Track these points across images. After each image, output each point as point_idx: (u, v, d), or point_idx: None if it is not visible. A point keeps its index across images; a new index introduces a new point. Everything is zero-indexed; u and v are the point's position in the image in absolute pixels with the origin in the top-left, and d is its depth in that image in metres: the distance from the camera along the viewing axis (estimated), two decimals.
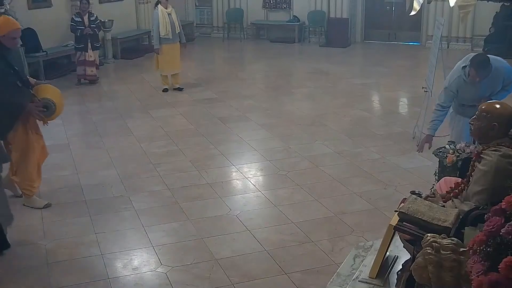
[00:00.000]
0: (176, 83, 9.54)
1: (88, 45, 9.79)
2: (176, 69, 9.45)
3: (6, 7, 8.93)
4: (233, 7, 14.81)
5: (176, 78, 9.55)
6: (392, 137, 7.02)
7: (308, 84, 10.02)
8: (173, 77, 9.52)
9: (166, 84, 9.48)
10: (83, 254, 4.39)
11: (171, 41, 9.13)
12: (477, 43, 12.41)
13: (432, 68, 6.68)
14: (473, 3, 4.49)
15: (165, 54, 9.16)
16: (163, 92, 9.36)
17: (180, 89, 9.46)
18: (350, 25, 13.80)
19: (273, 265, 4.18)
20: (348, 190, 5.45)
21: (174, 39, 9.19)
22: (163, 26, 8.95)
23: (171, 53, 9.21)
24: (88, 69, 9.87)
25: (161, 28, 8.96)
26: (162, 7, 9.00)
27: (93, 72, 9.94)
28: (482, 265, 2.21)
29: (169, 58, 9.22)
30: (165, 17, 8.98)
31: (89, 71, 9.88)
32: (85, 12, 9.76)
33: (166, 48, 9.14)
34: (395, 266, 3.43)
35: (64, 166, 6.20)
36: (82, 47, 9.80)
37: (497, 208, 2.38)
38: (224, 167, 6.15)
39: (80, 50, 9.84)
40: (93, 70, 9.92)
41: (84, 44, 9.78)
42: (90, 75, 9.93)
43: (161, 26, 8.95)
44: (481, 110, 3.18)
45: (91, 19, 9.83)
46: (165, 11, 9.00)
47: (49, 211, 5.12)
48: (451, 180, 3.69)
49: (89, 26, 9.76)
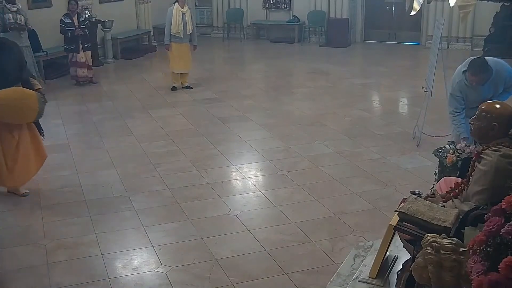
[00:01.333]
0: (185, 82, 9.61)
1: (79, 46, 9.72)
2: (187, 69, 9.52)
3: (18, 6, 8.99)
4: (233, 7, 14.82)
5: (185, 77, 9.62)
6: (392, 137, 7.02)
7: (308, 84, 10.02)
8: (182, 76, 9.58)
9: (175, 82, 9.52)
10: (83, 254, 4.39)
11: (180, 40, 9.19)
12: (477, 43, 12.41)
13: (432, 68, 6.68)
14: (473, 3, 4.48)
15: (175, 53, 9.24)
16: (171, 90, 9.39)
17: (189, 88, 9.52)
18: (350, 25, 13.80)
19: (273, 265, 4.18)
20: (348, 190, 5.45)
21: (184, 39, 9.25)
22: (175, 23, 9.03)
23: (180, 52, 9.27)
24: (80, 70, 9.80)
25: (173, 26, 9.05)
26: (179, 6, 9.07)
27: (85, 73, 9.84)
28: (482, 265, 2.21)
29: (179, 57, 9.30)
30: (179, 15, 9.04)
31: (80, 72, 9.81)
32: (74, 12, 9.67)
33: (175, 46, 9.21)
34: (395, 266, 3.43)
35: (64, 166, 6.20)
36: (73, 48, 9.72)
37: (497, 208, 2.38)
38: (224, 167, 6.15)
39: (71, 51, 9.75)
40: (84, 71, 9.83)
41: (75, 45, 9.69)
42: (82, 76, 9.85)
43: (173, 23, 9.03)
44: (481, 110, 3.18)
45: (80, 20, 9.75)
46: (179, 10, 9.07)
47: (49, 211, 5.12)
48: (451, 180, 3.69)
49: (79, 27, 9.68)
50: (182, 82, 9.60)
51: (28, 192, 5.44)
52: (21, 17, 8.98)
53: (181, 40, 9.21)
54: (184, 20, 9.11)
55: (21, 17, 8.98)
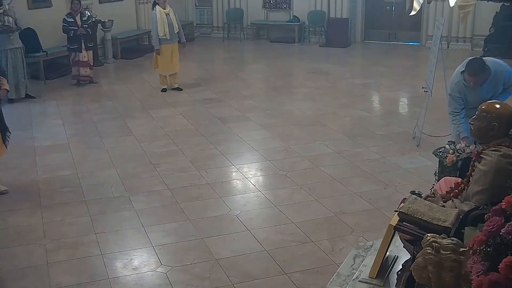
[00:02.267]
0: (175, 83, 9.52)
1: (82, 46, 9.71)
2: (175, 69, 9.44)
3: (5, 7, 8.88)
4: (233, 7, 14.81)
5: (175, 78, 9.53)
6: (392, 137, 7.02)
7: (308, 84, 10.02)
8: (172, 77, 9.50)
9: (164, 84, 9.48)
10: (83, 254, 4.39)
11: (169, 42, 9.14)
12: (477, 43, 12.41)
13: (432, 68, 6.67)
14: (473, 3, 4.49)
15: (164, 55, 9.17)
16: (161, 92, 9.36)
17: (179, 89, 9.46)
18: (350, 25, 13.79)
19: (273, 265, 4.18)
20: (348, 190, 5.45)
21: (173, 39, 9.20)
22: (161, 27, 8.96)
23: (170, 53, 9.22)
24: (82, 70, 9.79)
25: (159, 29, 8.97)
26: (160, 8, 8.99)
27: (87, 72, 9.85)
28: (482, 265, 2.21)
29: (168, 58, 9.23)
30: (163, 17, 8.98)
31: (83, 72, 9.80)
32: (76, 12, 9.66)
33: (164, 49, 9.15)
34: (395, 266, 3.43)
35: (64, 166, 6.20)
36: (76, 48, 9.71)
37: (497, 208, 2.38)
38: (224, 167, 6.15)
39: (74, 51, 9.74)
40: (87, 71, 9.83)
41: (78, 44, 9.68)
42: (84, 76, 9.85)
43: (159, 27, 8.96)
44: (481, 110, 3.18)
45: (83, 19, 9.74)
46: (163, 12, 9.00)
47: (49, 211, 5.12)
48: (451, 180, 3.69)
49: (82, 26, 9.66)
50: (172, 83, 9.50)
51: (7, 190, 5.43)
52: (9, 18, 8.70)
53: (171, 41, 9.14)
54: (169, 21, 9.05)
55: (9, 18, 8.70)
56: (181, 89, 9.46)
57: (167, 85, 9.48)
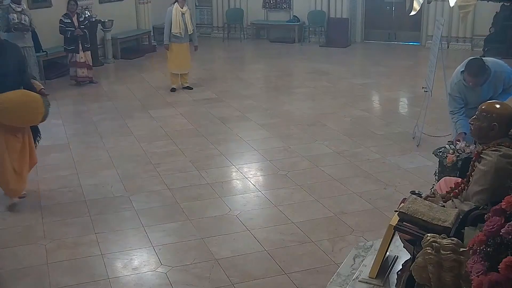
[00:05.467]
0: (185, 82, 9.59)
1: (79, 46, 9.71)
2: (186, 69, 9.50)
3: (23, 6, 9.00)
4: (233, 7, 14.81)
5: (185, 77, 9.60)
6: (392, 137, 7.01)
7: (308, 84, 10.02)
8: (182, 76, 9.57)
9: (175, 83, 9.49)
10: (83, 254, 4.39)
11: (180, 40, 9.18)
12: (477, 43, 12.41)
13: (432, 68, 6.67)
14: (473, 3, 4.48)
15: (174, 53, 9.23)
16: (171, 91, 9.37)
17: (190, 88, 9.50)
18: (350, 25, 13.79)
19: (273, 265, 4.18)
20: (348, 190, 5.45)
21: (185, 39, 9.24)
22: (175, 23, 9.02)
23: (180, 52, 9.26)
24: (79, 71, 9.78)
25: (173, 26, 9.03)
26: (178, 6, 9.06)
27: (84, 73, 9.83)
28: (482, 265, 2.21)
29: (178, 57, 9.28)
30: (179, 15, 9.04)
31: (80, 73, 9.79)
32: (73, 13, 9.66)
33: (174, 47, 9.20)
34: (395, 266, 3.44)
35: (64, 166, 6.20)
36: (73, 49, 9.70)
37: (497, 208, 2.38)
38: (224, 167, 6.15)
39: (71, 51, 9.74)
40: (84, 72, 9.81)
41: (75, 45, 9.67)
42: (82, 77, 9.83)
43: (173, 23, 9.02)
44: (481, 110, 3.18)
45: (80, 20, 9.74)
46: (179, 10, 9.06)
47: (49, 211, 5.12)
48: (451, 180, 3.69)
49: (79, 27, 9.65)
50: (182, 82, 9.58)
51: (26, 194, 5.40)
52: (25, 17, 8.98)
53: (181, 40, 9.20)
54: (184, 20, 9.11)
55: (25, 17, 8.98)
56: (191, 88, 9.50)
57: (177, 84, 9.50)
